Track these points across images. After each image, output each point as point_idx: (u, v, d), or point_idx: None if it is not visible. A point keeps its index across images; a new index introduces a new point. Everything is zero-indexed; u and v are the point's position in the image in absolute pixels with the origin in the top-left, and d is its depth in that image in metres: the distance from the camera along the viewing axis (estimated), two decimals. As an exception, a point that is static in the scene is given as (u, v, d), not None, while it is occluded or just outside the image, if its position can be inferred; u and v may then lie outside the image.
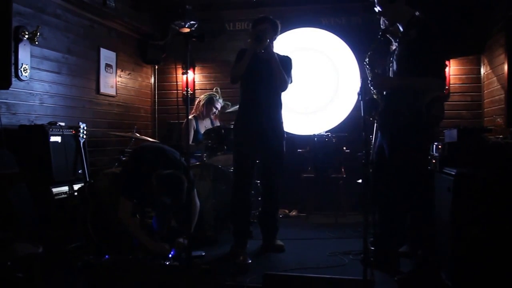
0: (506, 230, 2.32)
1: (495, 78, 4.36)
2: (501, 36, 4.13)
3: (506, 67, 4.00)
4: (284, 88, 3.22)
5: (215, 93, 4.45)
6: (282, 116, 3.32)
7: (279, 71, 3.14)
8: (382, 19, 3.21)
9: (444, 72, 2.50)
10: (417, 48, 2.44)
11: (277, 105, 3.28)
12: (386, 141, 2.60)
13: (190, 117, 4.34)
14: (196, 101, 4.52)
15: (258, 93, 3.19)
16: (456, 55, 4.84)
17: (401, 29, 2.59)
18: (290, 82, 3.25)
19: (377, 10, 2.62)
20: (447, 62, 4.79)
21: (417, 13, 2.57)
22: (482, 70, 4.77)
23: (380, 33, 2.72)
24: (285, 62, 3.23)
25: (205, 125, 4.35)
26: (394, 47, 2.81)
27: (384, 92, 2.69)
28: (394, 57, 2.61)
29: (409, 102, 2.51)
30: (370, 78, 2.63)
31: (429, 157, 2.67)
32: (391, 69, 2.67)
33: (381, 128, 2.69)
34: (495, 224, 2.34)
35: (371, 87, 2.64)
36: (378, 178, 2.73)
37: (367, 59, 2.67)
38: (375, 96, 2.63)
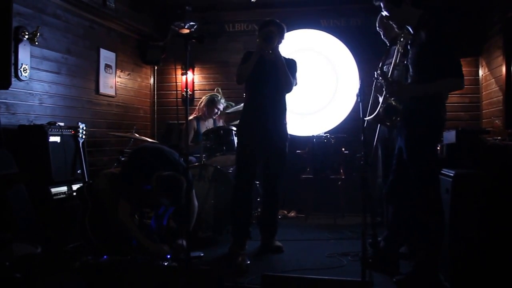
0: (505, 231, 2.33)
1: (493, 80, 4.37)
2: (499, 38, 4.15)
3: (504, 69, 4.01)
4: (289, 90, 3.26)
5: (216, 94, 4.45)
6: (287, 118, 3.35)
7: (285, 73, 3.17)
8: (377, 26, 3.23)
9: (461, 69, 2.45)
10: (430, 49, 2.40)
11: (281, 107, 3.30)
12: (405, 144, 2.56)
13: (191, 117, 4.36)
14: (198, 102, 4.52)
15: (263, 94, 3.21)
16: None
17: (411, 31, 2.57)
18: (295, 84, 3.29)
19: (384, 15, 2.60)
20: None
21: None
22: (480, 72, 4.79)
23: (390, 41, 2.70)
24: (291, 65, 3.27)
25: (207, 126, 4.35)
26: (392, 53, 2.80)
27: None
28: (408, 60, 2.58)
29: (428, 103, 2.47)
30: (385, 87, 2.59)
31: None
32: (408, 73, 2.63)
33: (400, 131, 2.64)
34: (494, 226, 2.34)
35: (388, 95, 2.60)
36: (397, 180, 2.68)
37: (379, 70, 2.64)
38: (393, 103, 2.58)
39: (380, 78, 2.63)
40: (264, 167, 3.36)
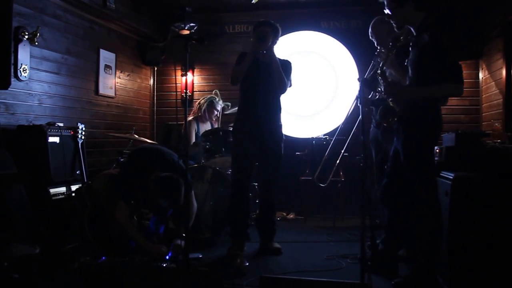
0: (504, 234, 2.33)
1: (493, 83, 4.37)
2: (500, 41, 4.15)
3: (504, 72, 4.02)
4: (283, 91, 3.25)
5: (214, 96, 4.46)
6: (281, 118, 3.34)
7: (280, 74, 3.16)
8: (370, 35, 3.24)
9: (462, 75, 2.44)
10: (432, 53, 2.40)
11: (276, 107, 3.29)
12: (402, 146, 2.56)
13: (191, 118, 4.36)
14: (196, 103, 4.52)
15: (257, 95, 3.20)
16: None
17: (414, 33, 2.57)
18: (289, 85, 3.28)
19: (386, 13, 2.61)
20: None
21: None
22: (481, 75, 4.79)
23: (391, 43, 2.70)
24: (285, 66, 3.26)
25: (205, 128, 4.36)
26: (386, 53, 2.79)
27: None
28: (409, 62, 2.58)
29: (426, 105, 2.48)
30: (383, 87, 2.59)
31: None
32: (407, 74, 2.63)
33: (397, 133, 2.64)
34: (493, 229, 2.34)
35: (386, 96, 2.60)
36: (392, 183, 2.68)
37: (379, 71, 2.62)
38: (390, 104, 2.58)
39: (380, 78, 2.62)
40: (259, 169, 3.36)
